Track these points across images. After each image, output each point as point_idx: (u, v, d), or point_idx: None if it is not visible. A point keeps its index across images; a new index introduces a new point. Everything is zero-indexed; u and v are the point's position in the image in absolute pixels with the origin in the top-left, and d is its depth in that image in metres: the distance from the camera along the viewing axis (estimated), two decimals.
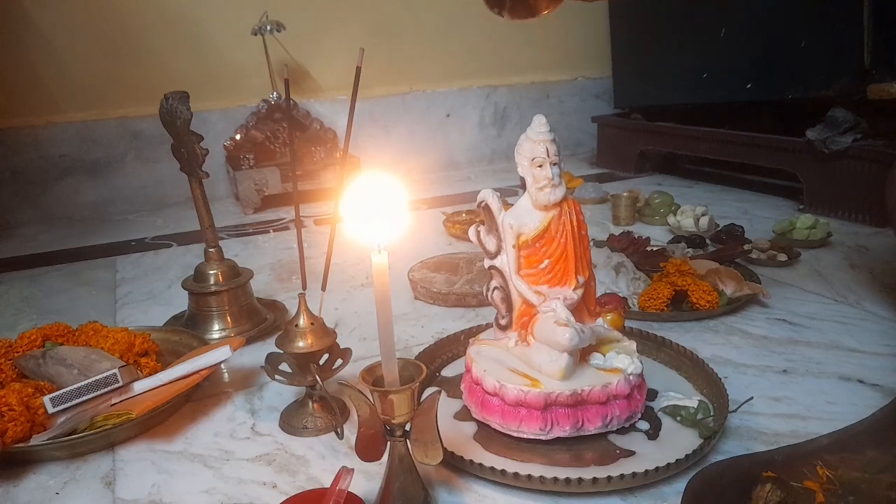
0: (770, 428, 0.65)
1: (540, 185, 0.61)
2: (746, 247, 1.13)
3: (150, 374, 0.75)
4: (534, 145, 0.61)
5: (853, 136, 1.29)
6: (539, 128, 0.62)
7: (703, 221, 1.27)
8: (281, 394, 0.76)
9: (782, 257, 1.10)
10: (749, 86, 1.51)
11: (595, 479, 0.55)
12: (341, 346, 0.70)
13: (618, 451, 0.60)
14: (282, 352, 0.67)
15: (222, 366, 0.81)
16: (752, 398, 0.68)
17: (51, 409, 0.68)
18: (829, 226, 1.20)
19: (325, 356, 0.69)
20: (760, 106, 1.59)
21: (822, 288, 1.00)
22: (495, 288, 0.66)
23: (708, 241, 1.20)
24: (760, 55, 1.48)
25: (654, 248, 1.12)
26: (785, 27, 1.40)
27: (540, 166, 0.61)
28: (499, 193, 0.65)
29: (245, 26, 1.66)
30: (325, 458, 0.64)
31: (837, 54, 1.30)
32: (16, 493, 0.62)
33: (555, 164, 0.61)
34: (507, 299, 0.66)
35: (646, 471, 0.55)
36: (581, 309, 0.65)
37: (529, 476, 0.56)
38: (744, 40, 1.52)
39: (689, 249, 1.13)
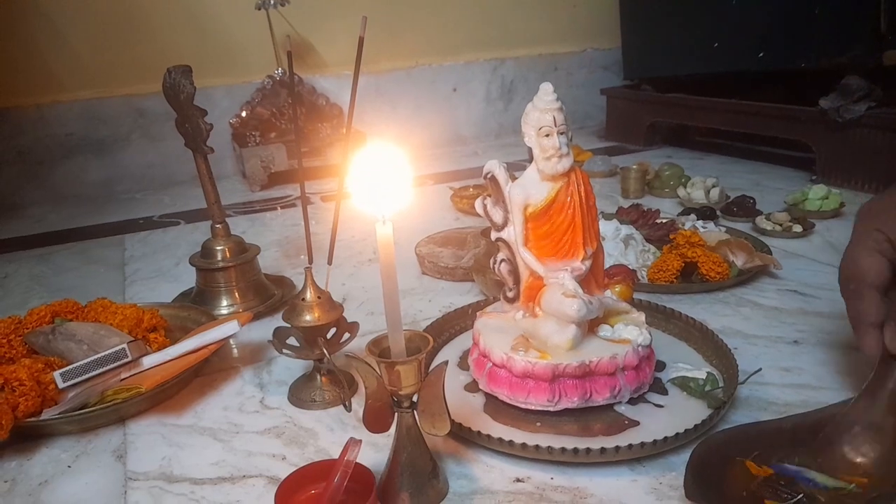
0: (780, 398, 0.65)
1: (547, 154, 0.60)
2: (758, 219, 1.12)
3: (158, 350, 0.75)
4: (541, 114, 0.60)
5: (867, 104, 1.26)
6: (546, 96, 0.60)
7: (714, 193, 1.26)
8: (289, 368, 0.76)
9: (797, 228, 1.09)
10: (761, 55, 1.48)
11: (603, 449, 0.55)
12: (349, 321, 0.70)
13: (626, 422, 0.60)
14: (289, 326, 0.67)
15: (231, 341, 0.81)
16: (760, 369, 0.67)
17: (61, 384, 0.69)
18: (841, 196, 1.18)
19: (333, 330, 0.69)
20: (772, 75, 1.56)
21: (833, 259, 0.98)
22: (502, 260, 0.66)
23: (719, 212, 1.18)
24: (772, 23, 1.44)
25: (664, 221, 1.11)
26: None
27: (547, 135, 0.60)
28: (505, 164, 0.64)
29: (249, 1, 1.64)
30: (333, 430, 0.65)
31: (852, 20, 1.27)
32: (28, 467, 0.62)
33: (562, 134, 0.60)
34: (515, 271, 0.65)
35: (654, 441, 0.55)
36: (589, 280, 0.65)
37: (537, 446, 0.56)
38: (755, 8, 1.49)
39: (700, 221, 1.12)
